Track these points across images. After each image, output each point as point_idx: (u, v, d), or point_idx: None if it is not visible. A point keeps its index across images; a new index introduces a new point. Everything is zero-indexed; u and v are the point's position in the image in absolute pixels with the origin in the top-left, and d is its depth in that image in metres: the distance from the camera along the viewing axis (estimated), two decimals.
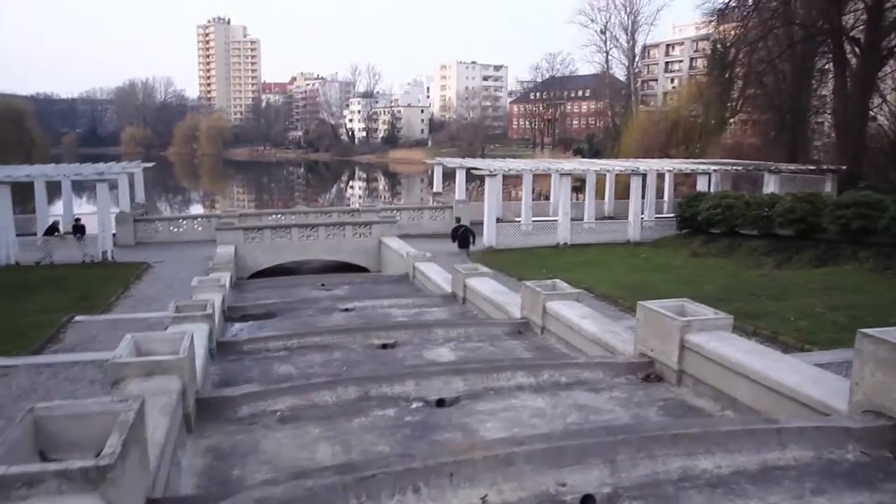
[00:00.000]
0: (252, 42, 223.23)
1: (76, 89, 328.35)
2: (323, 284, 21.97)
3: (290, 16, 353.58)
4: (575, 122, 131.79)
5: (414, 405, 8.23)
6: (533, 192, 56.05)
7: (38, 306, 18.07)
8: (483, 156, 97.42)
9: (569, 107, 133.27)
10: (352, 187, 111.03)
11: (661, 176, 38.51)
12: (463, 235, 27.66)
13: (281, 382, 8.85)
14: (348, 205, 60.82)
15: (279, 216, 32.61)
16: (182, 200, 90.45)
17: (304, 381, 8.63)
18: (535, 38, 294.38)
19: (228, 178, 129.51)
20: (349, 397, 8.37)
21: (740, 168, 35.99)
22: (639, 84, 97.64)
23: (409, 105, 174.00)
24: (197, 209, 61.00)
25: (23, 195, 36.07)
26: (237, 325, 15.67)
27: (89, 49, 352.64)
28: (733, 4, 42.50)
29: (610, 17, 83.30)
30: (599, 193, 42.04)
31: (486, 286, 15.75)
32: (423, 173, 38.15)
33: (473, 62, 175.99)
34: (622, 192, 35.43)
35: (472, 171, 33.99)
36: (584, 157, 79.10)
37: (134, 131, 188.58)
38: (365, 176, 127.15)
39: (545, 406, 8.03)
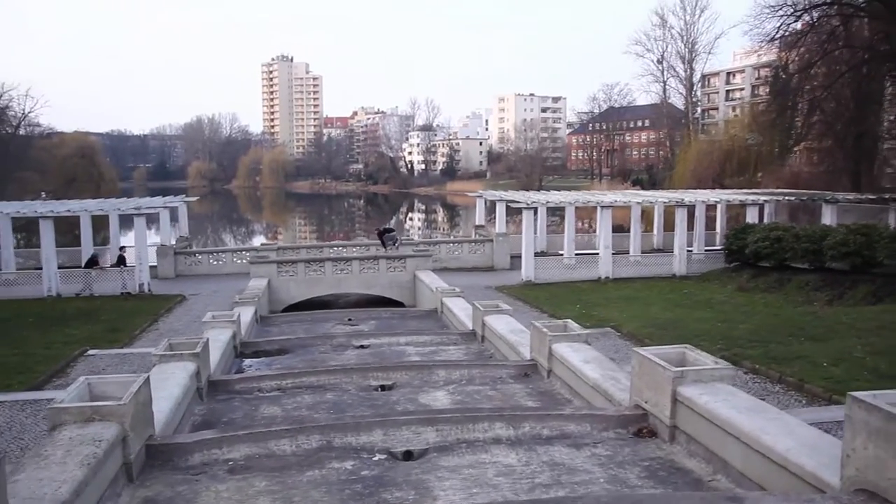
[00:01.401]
0: (314, 78, 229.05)
1: (147, 126, 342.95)
2: (350, 319, 21.60)
3: (352, 52, 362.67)
4: (634, 152, 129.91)
5: (376, 457, 7.64)
6: (585, 224, 55.27)
7: (65, 338, 18.22)
8: (541, 187, 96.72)
9: (627, 137, 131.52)
10: (410, 219, 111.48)
11: (713, 207, 37.14)
12: (387, 237, 31.01)
13: (240, 429, 8.36)
14: (407, 236, 60.70)
15: (316, 251, 32.51)
16: (245, 232, 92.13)
17: (263, 429, 8.12)
18: (592, 69, 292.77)
19: (290, 211, 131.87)
20: (310, 447, 7.85)
21: (793, 198, 34.31)
22: (698, 113, 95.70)
23: (467, 137, 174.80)
24: (259, 241, 61.93)
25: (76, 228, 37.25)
26: (248, 362, 15.40)
27: (160, 88, 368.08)
28: (788, 29, 40.87)
29: (667, 47, 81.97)
30: (650, 225, 41.06)
31: (503, 324, 15.02)
32: (485, 204, 38.21)
33: (532, 94, 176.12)
34: (673, 224, 34.20)
35: (510, 204, 33.35)
36: (642, 187, 77.56)
37: (200, 165, 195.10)
38: (423, 208, 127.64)
39: (516, 463, 7.33)
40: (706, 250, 32.19)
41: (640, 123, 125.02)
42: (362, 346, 16.20)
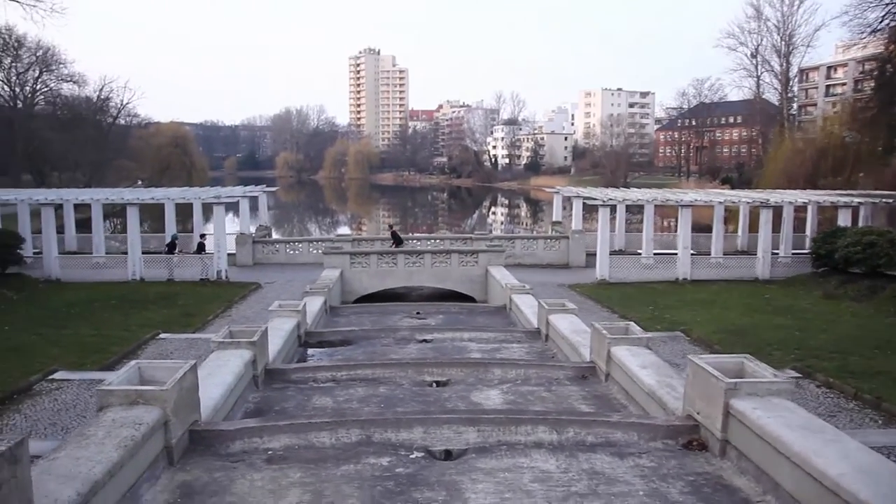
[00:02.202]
0: (401, 71, 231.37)
1: (238, 117, 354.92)
2: (418, 313, 21.64)
3: (439, 45, 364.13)
4: (724, 150, 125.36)
5: (413, 455, 7.57)
6: (667, 223, 53.66)
7: (142, 321, 18.93)
8: (626, 184, 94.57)
9: (717, 134, 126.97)
10: (493, 213, 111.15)
11: (802, 208, 35.35)
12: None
13: (282, 419, 8.43)
14: (490, 231, 60.53)
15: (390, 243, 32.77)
16: (329, 222, 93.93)
17: (304, 420, 8.16)
18: (681, 64, 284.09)
19: (374, 202, 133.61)
20: (349, 440, 7.86)
21: (892, 201, 32.18)
22: (794, 110, 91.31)
23: (552, 132, 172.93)
24: (343, 231, 63.16)
25: (182, 215, 38.90)
26: (311, 351, 15.64)
27: (252, 80, 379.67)
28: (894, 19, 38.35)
29: (761, 41, 78.38)
30: (735, 226, 39.48)
31: (566, 324, 14.70)
32: (565, 201, 37.47)
33: (619, 89, 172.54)
34: (758, 226, 32.69)
35: (586, 200, 32.62)
36: (732, 186, 74.69)
37: (287, 156, 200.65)
38: (506, 202, 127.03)
39: (554, 469, 7.11)
40: (793, 254, 30.68)
41: (731, 120, 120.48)
42: (425, 341, 16.19)
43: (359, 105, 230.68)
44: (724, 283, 27.10)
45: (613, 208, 33.31)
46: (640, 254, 31.85)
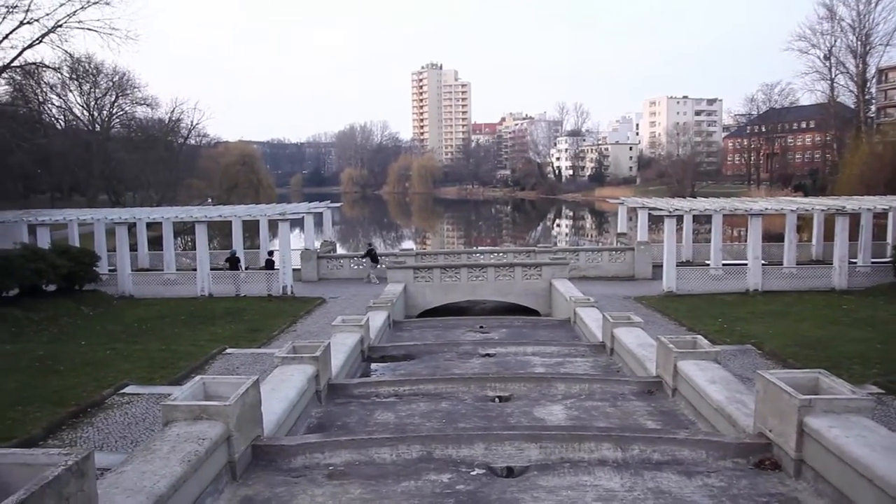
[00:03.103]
0: (463, 85, 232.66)
1: (304, 134, 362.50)
2: (481, 327, 21.53)
3: (501, 58, 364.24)
4: (797, 156, 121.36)
5: (475, 472, 7.47)
6: (737, 233, 52.15)
7: (210, 336, 19.43)
8: (693, 194, 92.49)
9: (789, 140, 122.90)
10: (557, 225, 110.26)
11: (882, 215, 33.82)
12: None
13: (343, 435, 8.45)
14: (554, 243, 60.15)
15: (454, 257, 32.82)
16: (394, 237, 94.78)
17: (365, 436, 8.15)
18: (749, 70, 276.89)
19: (438, 216, 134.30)
20: (410, 457, 7.81)
21: None
22: (872, 112, 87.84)
23: (616, 142, 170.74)
24: (407, 245, 63.79)
25: (250, 231, 39.98)
26: (374, 366, 15.71)
27: (316, 98, 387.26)
28: None
29: (835, 41, 75.83)
30: (809, 235, 38.09)
31: (632, 337, 14.38)
32: (630, 211, 36.87)
33: (685, 97, 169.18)
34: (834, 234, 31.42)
35: (652, 211, 31.96)
36: (805, 194, 72.24)
37: (352, 172, 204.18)
38: (570, 214, 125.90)
39: (619, 488, 6.91)
40: (872, 262, 29.35)
41: (803, 125, 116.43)
42: (488, 355, 16.09)
43: (422, 120, 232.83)
44: (797, 294, 26.15)
45: (680, 218, 32.55)
46: (708, 265, 31.03)
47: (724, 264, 30.82)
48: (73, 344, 18.31)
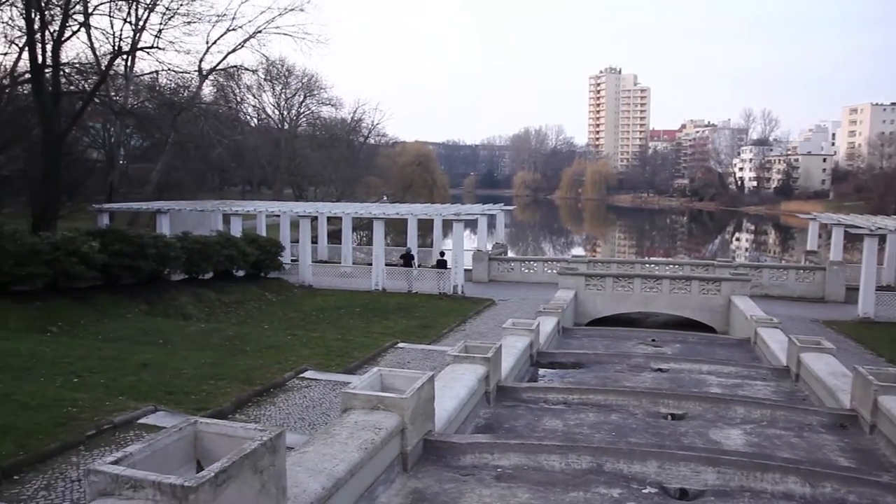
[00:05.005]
0: (642, 90, 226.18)
1: (479, 137, 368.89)
2: (653, 340, 20.79)
3: (682, 63, 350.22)
4: None
5: (646, 490, 7.17)
6: None
7: (382, 329, 20.23)
8: None
9: None
10: (737, 239, 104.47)
11: None
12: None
13: (513, 438, 8.42)
14: (733, 258, 57.19)
15: (628, 266, 31.90)
16: (564, 242, 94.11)
17: (535, 441, 8.08)
18: None
19: (610, 224, 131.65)
20: (579, 467, 7.64)
21: None
22: None
23: (808, 153, 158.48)
24: (576, 252, 63.19)
25: (423, 230, 41.42)
26: (542, 371, 15.62)
27: (493, 101, 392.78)
28: None
29: None
30: None
31: (822, 364, 13.25)
32: (821, 228, 34.04)
33: (892, 103, 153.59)
34: None
35: (849, 229, 29.23)
36: None
37: (525, 175, 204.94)
38: (752, 228, 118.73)
39: None
40: None
41: None
42: (660, 370, 15.48)
43: (598, 125, 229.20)
44: None
45: (882, 238, 29.59)
46: None
47: None
48: (258, 327, 19.77)
